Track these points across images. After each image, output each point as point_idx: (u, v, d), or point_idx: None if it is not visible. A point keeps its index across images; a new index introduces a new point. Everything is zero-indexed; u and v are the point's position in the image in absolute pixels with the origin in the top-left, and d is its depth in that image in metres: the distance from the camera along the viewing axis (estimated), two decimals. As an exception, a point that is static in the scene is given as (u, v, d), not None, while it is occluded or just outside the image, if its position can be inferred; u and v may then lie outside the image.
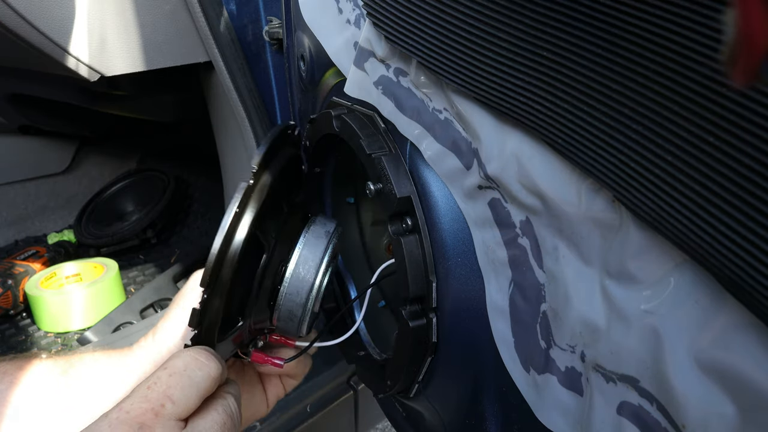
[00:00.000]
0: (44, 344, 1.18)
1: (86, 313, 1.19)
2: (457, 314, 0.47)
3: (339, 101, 0.57)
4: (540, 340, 0.40)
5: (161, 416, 0.40)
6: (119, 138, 1.77)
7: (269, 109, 0.98)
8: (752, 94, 0.22)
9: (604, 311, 0.34)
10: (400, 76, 0.47)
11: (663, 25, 0.25)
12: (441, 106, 0.44)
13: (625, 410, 0.33)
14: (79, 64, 0.91)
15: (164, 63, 1.00)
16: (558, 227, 0.37)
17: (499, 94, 0.37)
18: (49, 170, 1.65)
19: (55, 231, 1.61)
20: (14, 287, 1.25)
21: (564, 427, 0.39)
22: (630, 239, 0.32)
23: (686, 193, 0.26)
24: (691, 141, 0.25)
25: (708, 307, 0.28)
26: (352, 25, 0.53)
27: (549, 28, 0.31)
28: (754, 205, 0.23)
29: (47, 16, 0.85)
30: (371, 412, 1.17)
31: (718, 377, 0.27)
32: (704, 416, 0.28)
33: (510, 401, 0.45)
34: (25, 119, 1.46)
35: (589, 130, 0.31)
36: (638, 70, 0.27)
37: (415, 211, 0.47)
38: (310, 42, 0.63)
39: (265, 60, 0.93)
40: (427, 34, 0.41)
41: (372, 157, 0.49)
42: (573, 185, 0.35)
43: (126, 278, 1.39)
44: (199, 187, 1.69)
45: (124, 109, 1.32)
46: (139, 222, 1.50)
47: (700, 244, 0.26)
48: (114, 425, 0.39)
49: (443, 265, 0.47)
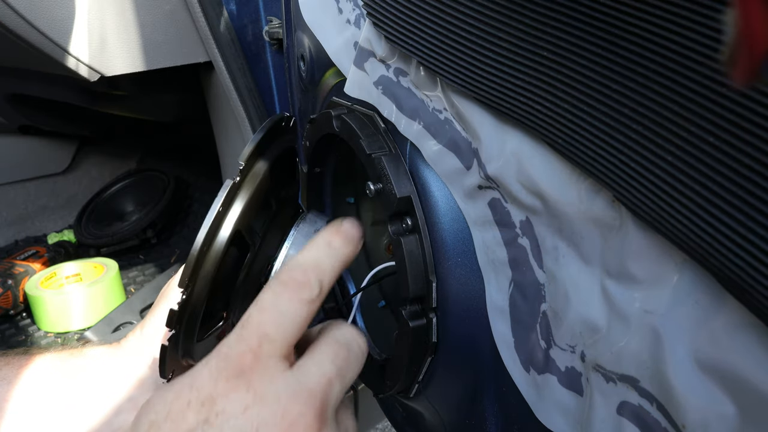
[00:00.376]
0: (44, 344, 1.18)
1: (86, 313, 1.19)
2: (458, 314, 0.47)
3: (339, 101, 0.57)
4: (540, 340, 0.40)
5: (260, 357, 0.37)
6: (119, 138, 1.77)
7: (269, 109, 0.98)
8: (752, 94, 0.22)
9: (604, 311, 0.34)
10: (400, 76, 0.47)
11: (663, 25, 0.25)
12: (441, 106, 0.44)
13: (625, 410, 0.33)
14: (79, 64, 0.91)
15: (164, 63, 1.00)
16: (558, 227, 0.37)
17: (499, 94, 0.37)
18: (49, 170, 1.65)
19: (55, 231, 1.61)
20: (14, 287, 1.25)
21: (564, 427, 0.39)
22: (630, 239, 0.32)
23: (686, 193, 0.26)
24: (691, 141, 0.25)
25: (708, 307, 0.28)
26: (352, 25, 0.53)
27: (549, 28, 0.31)
28: (754, 205, 0.23)
29: (47, 16, 0.85)
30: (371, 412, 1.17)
31: (718, 377, 0.27)
32: (704, 416, 0.28)
33: (510, 401, 0.45)
34: (25, 119, 1.46)
35: (589, 130, 0.31)
36: (638, 70, 0.27)
37: (415, 211, 0.47)
38: (310, 42, 0.63)
39: (265, 60, 0.93)
40: (427, 34, 0.41)
41: (372, 157, 0.49)
42: (573, 185, 0.35)
43: (126, 278, 1.39)
44: (199, 187, 1.69)
45: (124, 109, 1.32)
46: (139, 222, 1.50)
47: (700, 244, 0.26)
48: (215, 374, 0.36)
49: (443, 265, 0.47)
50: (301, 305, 0.39)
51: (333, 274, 0.41)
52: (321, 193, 0.67)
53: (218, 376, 0.36)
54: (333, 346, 0.40)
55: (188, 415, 0.35)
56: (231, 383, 0.36)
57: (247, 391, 0.36)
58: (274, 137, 0.49)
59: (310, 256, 0.41)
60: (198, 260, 0.42)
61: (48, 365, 0.56)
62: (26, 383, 0.54)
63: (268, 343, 0.37)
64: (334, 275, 0.41)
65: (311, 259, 0.41)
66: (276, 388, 0.36)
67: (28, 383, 0.54)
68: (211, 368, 0.37)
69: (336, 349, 0.40)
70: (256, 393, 0.36)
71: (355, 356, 0.41)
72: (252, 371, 0.36)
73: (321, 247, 0.42)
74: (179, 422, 0.35)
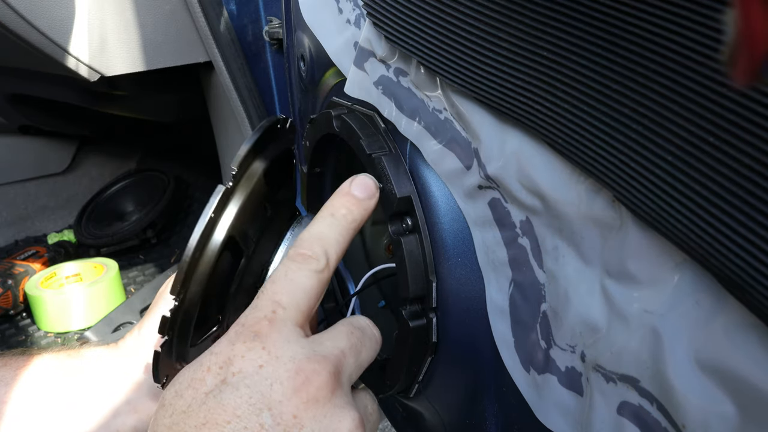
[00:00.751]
0: (44, 344, 1.18)
1: (86, 313, 1.19)
2: (458, 314, 0.47)
3: (339, 101, 0.57)
4: (540, 340, 0.40)
5: (275, 322, 0.39)
6: (119, 138, 1.77)
7: (269, 109, 0.98)
8: (753, 94, 0.22)
9: (604, 311, 0.34)
10: (400, 76, 0.47)
11: (663, 25, 0.25)
12: (441, 106, 0.44)
13: (625, 410, 0.33)
14: (79, 64, 0.91)
15: (164, 63, 1.00)
16: (558, 227, 0.37)
17: (499, 94, 0.37)
18: (49, 170, 1.65)
19: (55, 231, 1.61)
20: (14, 287, 1.25)
21: (564, 427, 0.39)
22: (630, 239, 0.32)
23: (686, 193, 0.26)
24: (691, 141, 0.25)
25: (708, 307, 0.28)
26: (352, 25, 0.53)
27: (549, 28, 0.31)
28: (754, 205, 0.23)
29: (47, 16, 0.85)
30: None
31: (718, 377, 0.27)
32: (704, 416, 0.28)
33: (510, 401, 0.45)
34: (25, 119, 1.46)
35: (589, 130, 0.31)
36: (638, 70, 0.27)
37: (415, 211, 0.47)
38: (310, 42, 0.63)
39: (265, 60, 0.93)
40: (427, 34, 0.41)
41: (372, 157, 0.49)
42: (573, 185, 0.35)
43: (126, 278, 1.39)
44: (199, 187, 1.69)
45: (124, 109, 1.32)
46: (139, 222, 1.50)
47: (700, 244, 0.26)
48: (232, 339, 0.38)
49: (443, 265, 0.47)
50: (310, 275, 0.40)
51: (339, 243, 0.43)
52: (321, 193, 0.66)
53: (235, 340, 0.38)
54: (347, 326, 0.42)
55: (207, 379, 0.37)
56: (247, 345, 0.38)
57: (263, 350, 0.37)
58: (270, 140, 0.49)
59: (315, 230, 0.43)
60: (189, 267, 0.42)
61: (46, 367, 0.56)
62: (24, 385, 0.54)
63: (282, 309, 0.39)
64: (340, 244, 0.43)
65: (315, 232, 0.43)
66: (291, 348, 0.38)
67: (25, 385, 0.54)
68: (230, 335, 0.39)
69: (350, 329, 0.42)
70: (270, 352, 0.37)
71: (369, 339, 0.43)
72: (267, 335, 0.38)
73: (325, 219, 0.44)
74: (199, 386, 0.37)
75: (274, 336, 0.38)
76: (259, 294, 0.40)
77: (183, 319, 0.43)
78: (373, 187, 0.46)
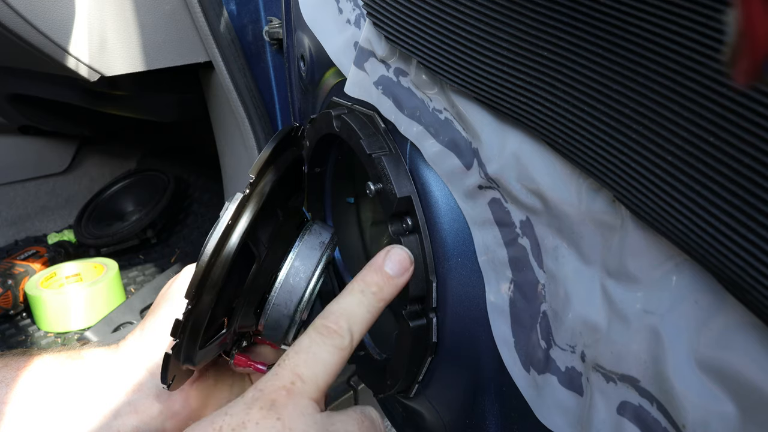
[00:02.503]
0: (44, 344, 1.18)
1: (86, 313, 1.19)
2: (458, 314, 0.47)
3: (339, 101, 0.57)
4: (540, 340, 0.40)
5: (293, 394, 0.40)
6: (119, 138, 1.77)
7: (269, 109, 0.98)
8: (753, 94, 0.22)
9: (604, 311, 0.34)
10: (401, 76, 0.47)
11: (664, 25, 0.25)
12: (441, 106, 0.44)
13: (625, 410, 0.33)
14: (79, 64, 0.91)
15: (164, 63, 1.00)
16: (558, 227, 0.37)
17: (499, 94, 0.37)
18: (49, 170, 1.64)
19: (55, 231, 1.61)
20: (14, 287, 1.25)
21: (564, 427, 0.39)
22: (630, 239, 0.32)
23: (686, 192, 0.26)
24: (691, 141, 0.25)
25: (708, 307, 0.28)
26: (352, 25, 0.53)
27: (549, 28, 0.31)
28: (754, 205, 0.23)
29: (47, 16, 0.85)
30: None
31: (718, 377, 0.27)
32: (704, 416, 0.28)
33: (510, 401, 0.45)
34: (25, 119, 1.46)
35: (589, 130, 0.31)
36: (639, 70, 0.27)
37: (415, 211, 0.47)
38: (310, 42, 0.63)
39: (265, 60, 0.93)
40: (427, 34, 0.41)
41: (372, 157, 0.49)
42: (573, 185, 0.35)
43: (126, 278, 1.39)
44: (199, 187, 1.69)
45: (124, 109, 1.32)
46: (139, 222, 1.50)
47: (700, 244, 0.26)
48: (249, 403, 0.39)
49: (443, 265, 0.47)
50: (333, 351, 0.42)
51: (365, 321, 0.44)
52: (321, 193, 0.66)
53: (252, 405, 0.39)
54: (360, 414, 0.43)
55: None
56: (263, 413, 0.39)
57: (277, 420, 0.38)
58: (284, 148, 0.50)
59: (344, 304, 0.45)
60: (205, 273, 0.43)
61: (46, 367, 0.55)
62: (24, 386, 0.54)
63: (301, 382, 0.40)
64: (366, 322, 0.44)
65: (344, 306, 0.44)
66: (305, 422, 0.39)
67: (26, 386, 0.54)
68: (246, 399, 0.40)
69: (362, 417, 0.43)
70: (284, 424, 0.39)
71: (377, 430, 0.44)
72: (284, 405, 0.39)
73: (355, 295, 0.45)
74: None
75: (291, 408, 0.39)
76: (280, 361, 0.42)
77: (194, 322, 0.44)
78: (407, 263, 0.47)
